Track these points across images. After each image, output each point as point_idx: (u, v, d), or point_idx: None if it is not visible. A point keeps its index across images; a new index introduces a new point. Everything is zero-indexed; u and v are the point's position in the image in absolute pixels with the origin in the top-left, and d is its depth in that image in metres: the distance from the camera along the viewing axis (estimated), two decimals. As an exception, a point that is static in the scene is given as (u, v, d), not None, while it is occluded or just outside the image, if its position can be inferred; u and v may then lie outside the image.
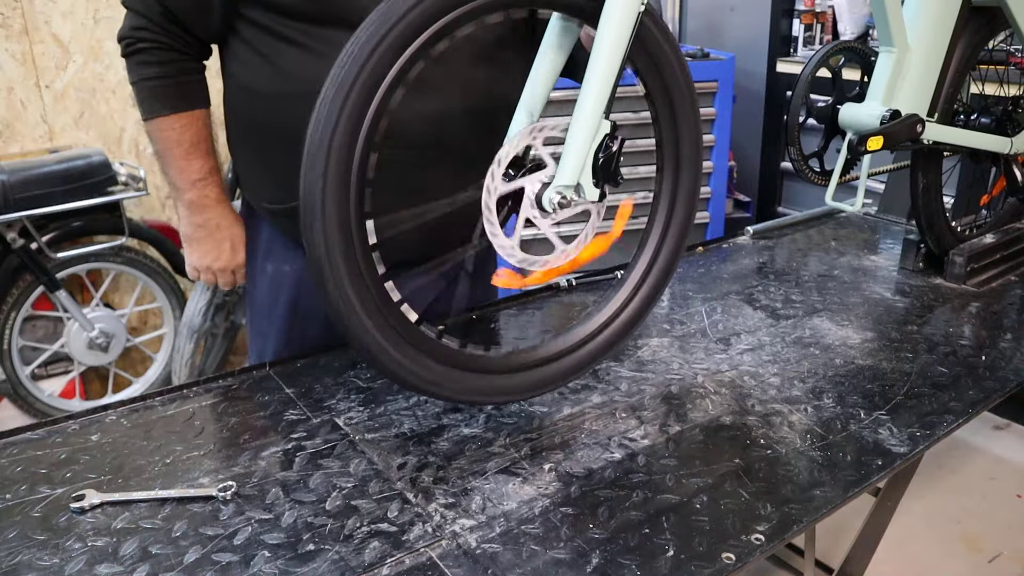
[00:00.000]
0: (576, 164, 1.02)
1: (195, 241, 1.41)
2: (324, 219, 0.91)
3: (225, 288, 1.47)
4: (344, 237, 0.93)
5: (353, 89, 0.90)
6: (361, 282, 0.95)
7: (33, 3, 2.82)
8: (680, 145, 1.18)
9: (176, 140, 1.32)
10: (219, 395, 1.23)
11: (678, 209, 1.22)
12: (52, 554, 0.89)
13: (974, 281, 1.69)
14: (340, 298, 0.94)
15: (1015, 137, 1.69)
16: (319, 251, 0.92)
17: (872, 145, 1.44)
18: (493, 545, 0.92)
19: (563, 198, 1.02)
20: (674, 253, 1.23)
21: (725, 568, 0.89)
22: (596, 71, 1.00)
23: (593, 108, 1.01)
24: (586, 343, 1.18)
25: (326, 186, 0.91)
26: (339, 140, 0.90)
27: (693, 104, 1.18)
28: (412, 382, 1.03)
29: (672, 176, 1.20)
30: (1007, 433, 2.95)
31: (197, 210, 1.38)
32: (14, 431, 1.13)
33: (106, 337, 2.97)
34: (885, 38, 1.45)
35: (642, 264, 1.22)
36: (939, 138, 1.56)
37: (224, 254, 1.42)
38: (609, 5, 0.99)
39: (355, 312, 0.95)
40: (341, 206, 0.92)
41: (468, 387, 1.08)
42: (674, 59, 1.13)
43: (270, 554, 0.89)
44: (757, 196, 4.12)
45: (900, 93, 1.49)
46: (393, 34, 0.90)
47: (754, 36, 3.93)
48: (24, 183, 2.61)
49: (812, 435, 1.14)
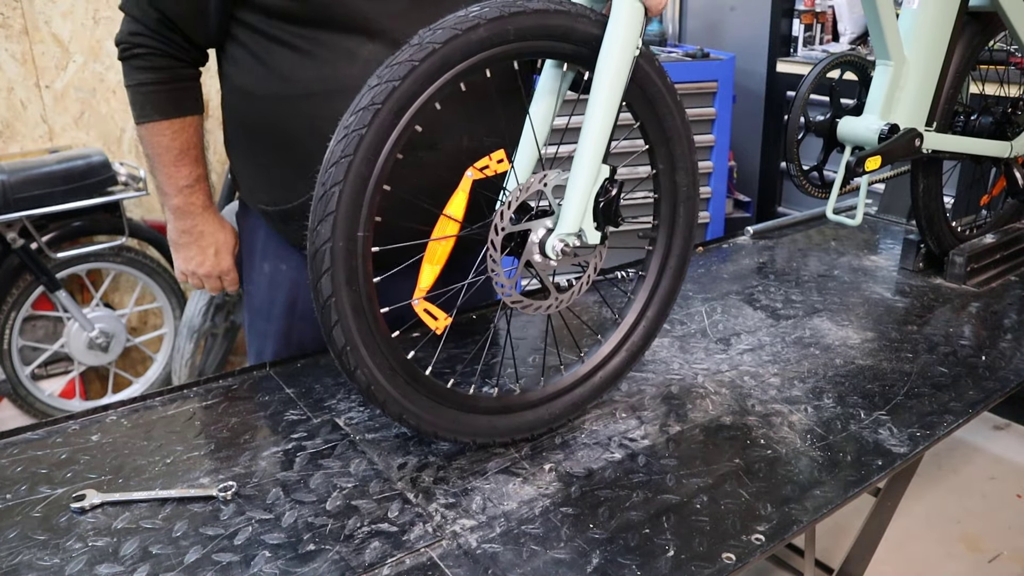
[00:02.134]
0: (578, 212, 1.02)
1: (180, 247, 1.42)
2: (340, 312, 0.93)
3: (213, 293, 1.48)
4: (358, 317, 0.94)
5: (350, 173, 0.89)
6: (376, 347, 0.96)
7: (33, 3, 2.82)
8: (676, 179, 1.17)
9: (166, 146, 1.32)
10: (219, 395, 1.23)
11: (675, 246, 1.21)
12: (52, 554, 0.89)
13: (974, 281, 1.69)
14: (356, 360, 0.95)
15: (1015, 140, 1.69)
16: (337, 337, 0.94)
17: (870, 166, 1.44)
18: (493, 545, 0.92)
19: (566, 245, 1.03)
20: (670, 293, 1.23)
21: (725, 568, 0.89)
22: (593, 119, 1.00)
23: (592, 156, 1.01)
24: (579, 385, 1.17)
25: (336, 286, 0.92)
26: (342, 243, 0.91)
27: (690, 143, 1.17)
28: None
29: (670, 212, 1.20)
30: (1007, 433, 2.95)
31: (182, 216, 1.38)
32: (14, 431, 1.13)
33: (106, 337, 2.97)
34: (881, 52, 1.45)
35: (636, 307, 1.22)
36: (938, 147, 1.56)
37: (208, 260, 1.42)
38: (605, 53, 0.99)
39: (372, 372, 0.97)
40: (353, 293, 0.93)
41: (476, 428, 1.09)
42: (671, 101, 1.12)
43: (270, 554, 0.89)
44: (757, 196, 4.12)
45: (898, 106, 1.49)
46: (394, 98, 0.90)
47: (754, 36, 3.93)
48: (24, 183, 2.61)
49: (812, 435, 1.14)
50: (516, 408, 1.10)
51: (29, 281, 2.77)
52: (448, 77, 0.92)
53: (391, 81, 0.89)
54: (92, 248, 2.87)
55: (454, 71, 0.92)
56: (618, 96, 1.00)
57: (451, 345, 1.40)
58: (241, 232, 1.47)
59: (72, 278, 2.94)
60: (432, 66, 0.90)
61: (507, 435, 1.09)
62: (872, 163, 1.44)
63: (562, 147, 1.12)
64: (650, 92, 1.09)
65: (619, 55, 0.99)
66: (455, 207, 0.99)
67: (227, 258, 1.44)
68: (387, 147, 0.91)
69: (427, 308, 0.99)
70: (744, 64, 3.80)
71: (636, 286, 1.22)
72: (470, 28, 0.91)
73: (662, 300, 1.22)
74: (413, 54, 0.90)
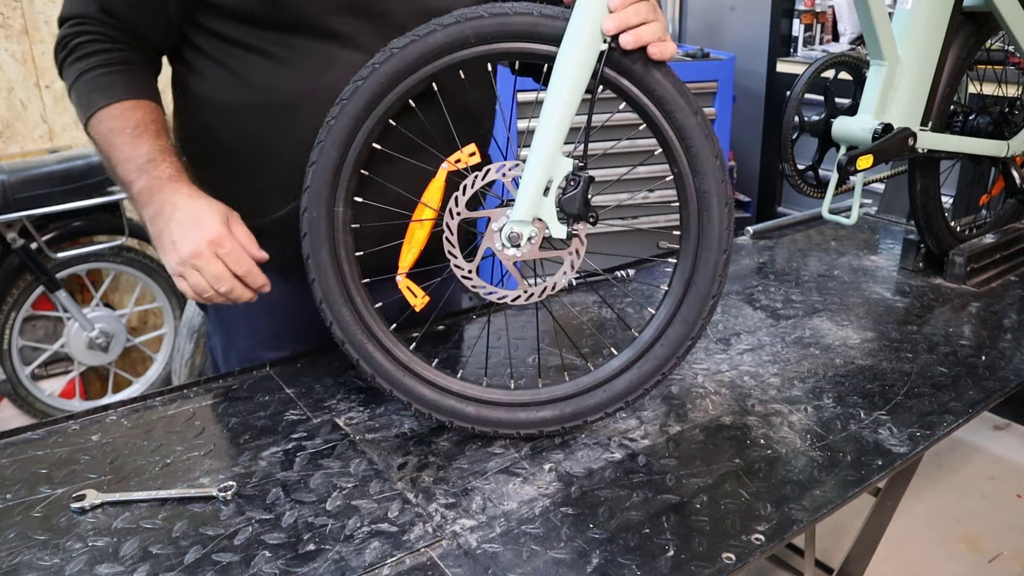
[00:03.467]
0: (529, 202, 1.02)
1: (158, 239, 1.09)
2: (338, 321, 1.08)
3: (237, 298, 1.10)
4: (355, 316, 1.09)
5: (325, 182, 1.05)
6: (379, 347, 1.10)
7: (33, 3, 2.82)
8: (697, 184, 1.05)
9: (118, 127, 1.10)
10: (219, 395, 1.23)
11: (702, 259, 1.08)
12: (52, 554, 0.89)
13: (974, 281, 1.69)
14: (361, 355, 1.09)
15: (1012, 139, 1.69)
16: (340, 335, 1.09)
17: (862, 164, 1.43)
18: (493, 545, 0.92)
19: (517, 234, 1.03)
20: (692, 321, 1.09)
21: (725, 568, 0.89)
22: (550, 112, 1.00)
23: (546, 147, 1.01)
24: None
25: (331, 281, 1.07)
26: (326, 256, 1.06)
27: (711, 142, 1.05)
28: None
29: (693, 220, 1.07)
30: (1007, 433, 2.95)
31: (149, 197, 1.09)
32: (14, 431, 1.13)
33: (106, 337, 2.97)
34: (875, 51, 1.45)
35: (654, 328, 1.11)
36: (934, 146, 1.56)
37: (190, 233, 1.06)
38: (565, 47, 0.98)
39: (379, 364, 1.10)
40: (347, 302, 1.08)
41: None
42: (684, 101, 1.03)
43: (270, 554, 0.89)
44: (757, 196, 4.12)
45: (892, 106, 1.48)
46: (361, 100, 1.02)
47: (754, 36, 3.94)
48: (24, 183, 2.62)
49: (812, 435, 1.14)
50: (498, 403, 1.11)
51: (29, 281, 2.78)
52: (428, 70, 1.02)
53: (356, 81, 1.02)
54: (92, 248, 2.87)
55: (424, 71, 1.02)
56: (579, 90, 0.99)
57: (449, 345, 1.40)
58: None
59: (72, 278, 2.95)
60: (406, 61, 1.01)
61: (473, 423, 1.10)
62: (864, 162, 1.44)
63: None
64: (658, 95, 1.03)
65: (579, 46, 0.97)
66: (431, 195, 1.09)
67: (213, 225, 1.06)
68: (360, 134, 1.03)
69: (408, 286, 1.09)
70: (744, 64, 3.80)
71: (660, 300, 1.12)
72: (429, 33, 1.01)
73: (686, 322, 1.09)
74: (376, 59, 1.01)
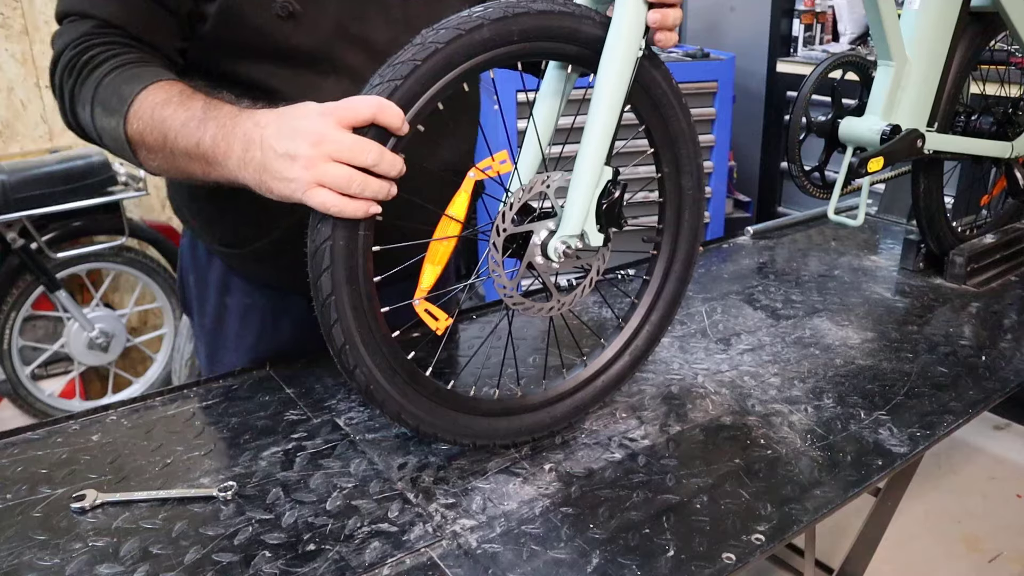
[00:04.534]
0: (580, 214, 1.02)
1: (260, 176, 0.90)
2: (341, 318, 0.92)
3: (359, 186, 0.87)
4: (358, 316, 0.93)
5: None
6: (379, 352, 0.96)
7: (33, 3, 2.82)
8: (682, 183, 1.16)
9: (163, 100, 0.97)
10: (219, 395, 1.23)
11: (680, 250, 1.20)
12: (52, 554, 0.89)
13: (974, 281, 1.69)
14: (360, 366, 0.95)
15: (1015, 140, 1.69)
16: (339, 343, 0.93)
17: (873, 167, 1.44)
18: (493, 545, 0.92)
19: (568, 247, 1.02)
20: (676, 296, 1.21)
21: (725, 568, 0.89)
22: (596, 120, 1.00)
23: (594, 158, 1.01)
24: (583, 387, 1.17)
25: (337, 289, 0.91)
26: None
27: (695, 145, 1.16)
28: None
29: (675, 216, 1.18)
30: (1007, 433, 2.95)
31: (226, 141, 0.92)
32: (14, 431, 1.13)
33: (106, 337, 2.97)
34: (883, 52, 1.45)
35: (645, 301, 1.20)
36: (940, 147, 1.56)
37: (295, 149, 0.86)
38: (608, 54, 0.99)
39: (377, 379, 0.96)
40: (354, 298, 0.92)
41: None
42: (676, 103, 1.11)
43: (270, 554, 0.89)
44: (757, 196, 4.12)
45: (900, 107, 1.48)
46: (397, 97, 0.88)
47: (754, 36, 3.94)
48: (24, 183, 2.62)
49: (812, 435, 1.14)
50: (516, 411, 1.10)
51: (29, 281, 2.78)
52: (450, 78, 0.91)
53: (393, 80, 0.89)
54: (92, 248, 2.87)
55: (457, 71, 0.91)
56: (621, 97, 1.00)
57: (451, 345, 1.40)
58: (192, 266, 1.35)
59: (72, 278, 2.95)
60: (435, 66, 0.89)
61: (507, 438, 1.09)
62: (875, 164, 1.44)
63: (567, 147, 1.11)
64: (655, 94, 1.09)
65: (621, 56, 0.99)
66: (457, 207, 0.97)
67: (314, 125, 0.87)
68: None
69: (428, 308, 0.98)
70: (744, 64, 3.80)
71: (640, 290, 1.22)
72: (474, 28, 0.91)
73: (666, 304, 1.21)
74: (415, 53, 0.89)
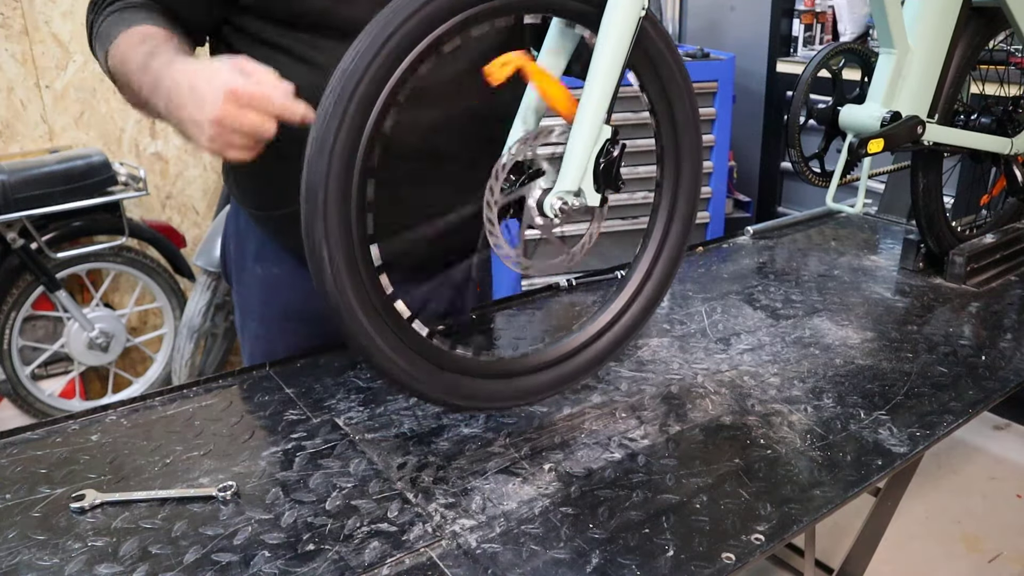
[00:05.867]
0: (577, 170, 1.02)
1: (179, 127, 1.01)
2: (330, 254, 0.90)
3: (288, 114, 1.00)
4: (350, 267, 0.92)
5: (349, 109, 0.88)
6: (370, 306, 0.94)
7: (33, 3, 2.82)
8: (680, 148, 1.18)
9: (132, 44, 1.07)
10: (219, 395, 1.23)
11: (679, 210, 1.21)
12: (52, 554, 0.89)
13: (974, 281, 1.69)
14: (353, 324, 0.94)
15: (1015, 137, 1.70)
16: (328, 285, 0.91)
17: (873, 148, 1.44)
18: (493, 545, 0.92)
19: (564, 204, 1.02)
20: (676, 252, 1.22)
21: (725, 568, 0.89)
22: (597, 77, 1.00)
23: (594, 114, 1.01)
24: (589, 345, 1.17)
25: (328, 218, 0.89)
26: (336, 169, 0.89)
27: (693, 106, 1.18)
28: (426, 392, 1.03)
29: (672, 181, 1.19)
30: (1007, 433, 2.95)
31: (155, 91, 1.02)
32: (14, 431, 1.13)
33: (106, 337, 2.97)
34: (885, 39, 1.45)
35: (643, 265, 1.21)
36: (940, 139, 1.56)
37: (205, 102, 0.96)
38: (610, 11, 0.99)
39: (370, 336, 0.95)
40: (344, 236, 0.91)
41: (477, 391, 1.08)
42: (673, 63, 1.13)
43: (270, 554, 0.89)
44: (757, 196, 4.12)
45: (900, 94, 1.49)
46: (396, 37, 0.88)
47: (754, 36, 3.93)
48: (24, 183, 2.62)
49: (812, 435, 1.14)
50: (504, 373, 1.08)
51: (29, 281, 2.78)
52: (454, 22, 0.91)
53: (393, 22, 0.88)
54: (92, 248, 2.87)
55: (461, 16, 0.91)
56: (623, 55, 1.00)
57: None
58: (235, 233, 1.43)
59: (72, 278, 2.95)
60: (438, 9, 0.90)
61: (494, 401, 1.08)
62: (874, 145, 1.44)
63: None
64: (651, 52, 1.09)
65: (624, 13, 0.99)
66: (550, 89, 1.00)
67: (225, 77, 0.96)
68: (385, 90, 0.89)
69: None
70: (744, 64, 3.80)
71: (641, 245, 1.21)
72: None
73: (670, 257, 1.20)
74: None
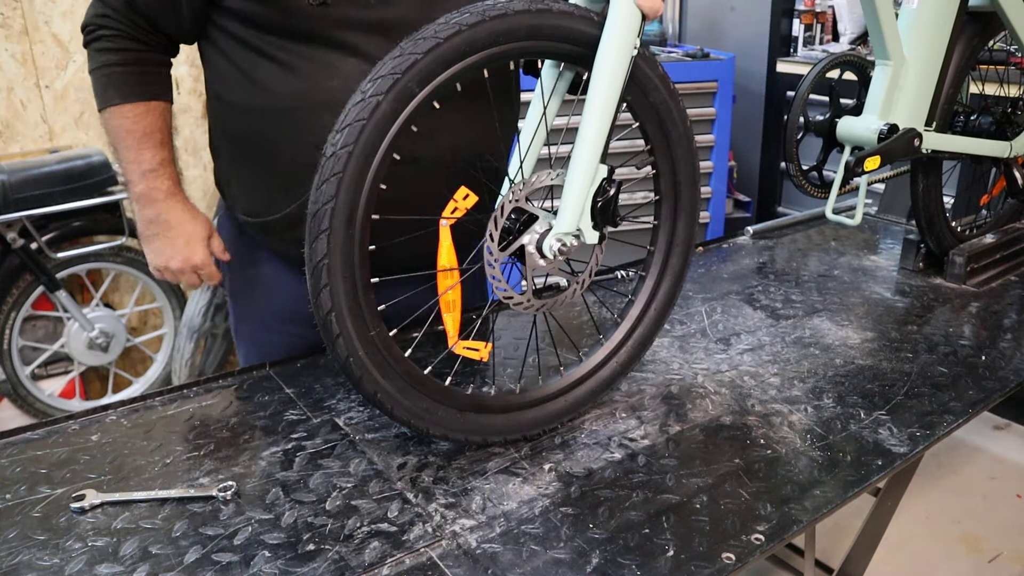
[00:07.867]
0: (575, 211, 1.02)
1: (148, 239, 1.33)
2: (333, 294, 0.92)
3: (192, 287, 1.36)
4: (352, 303, 0.94)
5: (352, 159, 0.89)
6: (372, 346, 0.96)
7: (33, 3, 2.82)
8: (679, 189, 1.18)
9: (128, 129, 1.26)
10: (219, 395, 1.23)
11: (676, 248, 1.23)
12: (52, 554, 0.89)
13: (974, 281, 1.69)
14: (351, 355, 0.95)
15: (1014, 140, 1.69)
16: (333, 330, 0.93)
17: (869, 166, 1.44)
18: (493, 545, 0.92)
19: (563, 245, 1.03)
20: (679, 275, 1.24)
21: (725, 568, 0.89)
22: (591, 119, 1.00)
23: (589, 155, 1.01)
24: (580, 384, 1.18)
25: (332, 261, 0.91)
26: (342, 211, 0.90)
27: (691, 147, 1.17)
28: None
29: (670, 223, 1.21)
30: (1007, 433, 2.95)
31: (146, 204, 1.31)
32: (14, 431, 1.13)
33: (106, 337, 2.97)
34: (881, 51, 1.45)
35: (645, 293, 1.22)
36: (938, 147, 1.56)
37: (178, 252, 1.33)
38: (602, 52, 0.99)
39: (368, 370, 0.96)
40: (347, 278, 0.93)
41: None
42: (672, 104, 1.12)
43: (270, 554, 0.89)
44: (757, 196, 4.12)
45: (897, 106, 1.48)
46: (397, 88, 0.89)
47: (754, 36, 3.93)
48: (24, 183, 2.61)
49: (812, 435, 1.14)
50: (501, 408, 1.09)
51: (29, 281, 2.77)
52: (449, 74, 0.92)
53: (408, 58, 0.89)
54: (92, 248, 2.87)
55: (458, 67, 0.92)
56: (616, 96, 1.00)
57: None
58: (226, 235, 1.43)
59: (72, 278, 2.94)
60: (438, 58, 0.90)
61: (484, 433, 1.08)
62: (871, 163, 1.44)
63: (563, 147, 1.12)
64: (653, 98, 1.09)
65: (616, 55, 0.99)
66: (445, 258, 1.02)
67: (199, 250, 1.34)
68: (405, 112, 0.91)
69: (467, 346, 1.04)
70: (744, 64, 3.80)
71: (637, 286, 1.23)
72: (474, 25, 0.91)
73: (663, 301, 1.22)
74: (415, 47, 0.90)
